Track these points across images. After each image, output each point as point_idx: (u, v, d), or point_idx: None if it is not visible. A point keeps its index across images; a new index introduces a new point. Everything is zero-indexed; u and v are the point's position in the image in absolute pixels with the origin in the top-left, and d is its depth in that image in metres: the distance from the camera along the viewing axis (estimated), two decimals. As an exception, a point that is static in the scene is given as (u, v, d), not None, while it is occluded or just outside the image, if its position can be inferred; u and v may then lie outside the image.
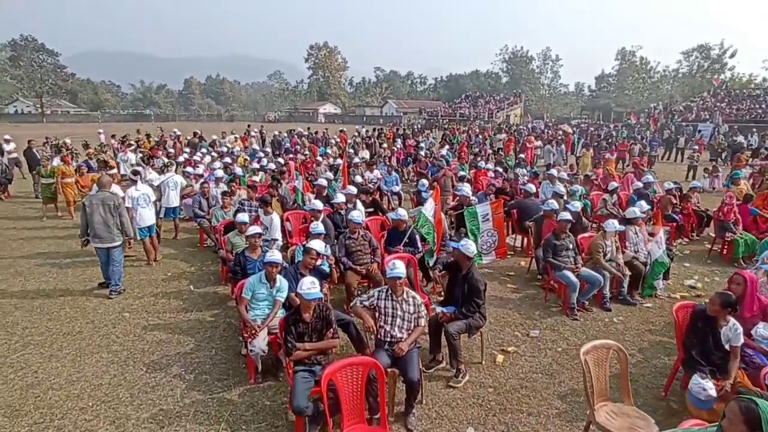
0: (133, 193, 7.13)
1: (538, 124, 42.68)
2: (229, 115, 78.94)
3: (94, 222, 5.79)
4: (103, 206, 5.81)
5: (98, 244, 5.91)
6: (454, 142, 23.14)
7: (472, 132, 27.68)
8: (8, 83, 65.80)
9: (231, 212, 7.81)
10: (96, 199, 5.87)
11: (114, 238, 5.93)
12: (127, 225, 6.07)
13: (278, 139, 19.61)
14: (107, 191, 6.02)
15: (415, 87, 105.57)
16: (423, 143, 20.57)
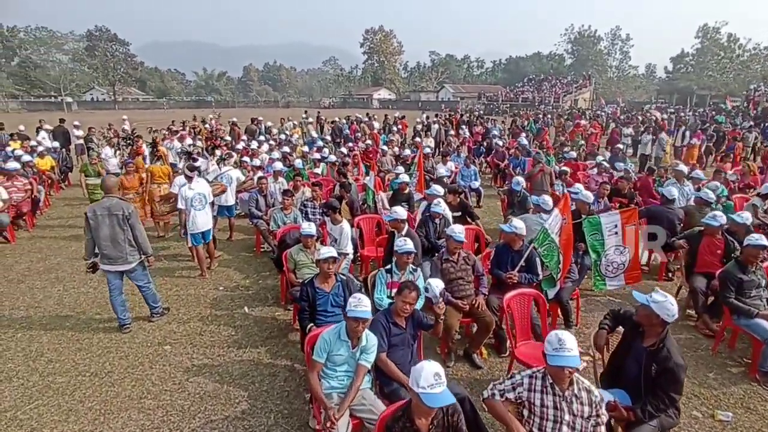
0: (186, 193, 5.97)
1: (612, 109, 38.70)
2: (286, 101, 79.63)
3: (100, 238, 4.49)
4: (110, 217, 4.47)
5: (108, 267, 4.59)
6: (528, 129, 20.91)
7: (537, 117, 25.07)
8: (85, 72, 69.79)
9: (292, 215, 6.58)
10: (101, 208, 4.49)
11: (127, 258, 4.60)
12: (143, 239, 4.69)
13: (339, 125, 18.35)
14: (115, 197, 4.63)
15: (471, 71, 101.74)
16: (494, 130, 18.56)
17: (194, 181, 6.13)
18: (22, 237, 8.14)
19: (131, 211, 4.58)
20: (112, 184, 4.69)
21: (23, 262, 6.88)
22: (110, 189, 4.63)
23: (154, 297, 5.06)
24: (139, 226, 4.64)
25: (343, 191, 6.97)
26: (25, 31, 72.22)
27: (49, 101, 60.29)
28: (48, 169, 11.41)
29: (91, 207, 4.56)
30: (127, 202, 4.71)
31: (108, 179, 4.75)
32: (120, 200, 4.61)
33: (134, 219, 4.58)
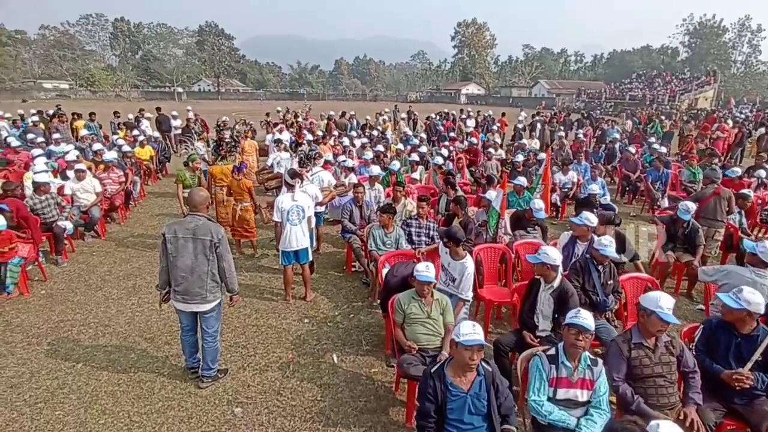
0: (284, 204, 5.00)
1: (744, 111, 32.74)
2: (373, 95, 79.85)
3: (178, 268, 3.49)
4: (194, 242, 3.48)
5: (181, 305, 3.60)
6: (652, 130, 17.89)
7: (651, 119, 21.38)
8: (195, 65, 75.67)
9: (394, 235, 5.37)
10: (183, 229, 3.49)
11: (206, 297, 3.57)
12: (231, 273, 3.67)
13: (433, 122, 16.96)
14: (203, 216, 3.59)
15: (568, 66, 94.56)
16: (614, 132, 15.94)
17: (297, 189, 5.11)
18: (112, 231, 7.90)
19: (221, 237, 3.55)
20: (201, 200, 3.60)
21: (106, 264, 6.46)
22: (198, 205, 3.58)
23: (215, 354, 3.83)
24: (228, 256, 3.61)
25: (457, 208, 5.60)
26: (148, 27, 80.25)
27: (164, 91, 66.04)
28: (147, 159, 11.46)
29: (171, 226, 3.54)
30: (217, 224, 3.68)
31: (197, 193, 3.65)
32: (209, 221, 3.57)
33: (224, 247, 3.56)
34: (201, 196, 3.63)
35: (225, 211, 6.98)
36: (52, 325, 4.76)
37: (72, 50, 72.83)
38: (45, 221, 6.31)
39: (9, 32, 66.77)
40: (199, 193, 3.65)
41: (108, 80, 64.48)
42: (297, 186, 5.03)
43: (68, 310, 5.08)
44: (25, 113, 16.16)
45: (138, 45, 77.45)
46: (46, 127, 13.34)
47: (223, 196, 6.97)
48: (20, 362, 4.10)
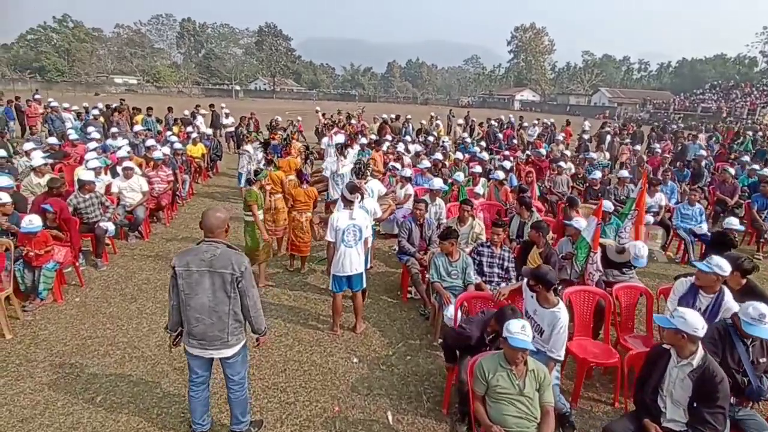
0: (340, 222, 4.29)
1: None
2: (424, 98, 79.03)
3: (191, 308, 2.78)
4: (211, 277, 2.76)
5: (197, 350, 2.89)
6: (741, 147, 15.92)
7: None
8: (253, 64, 78.07)
9: (460, 263, 4.55)
10: (198, 261, 2.76)
11: (228, 340, 2.86)
12: (257, 311, 2.93)
13: (493, 129, 15.90)
14: (220, 242, 2.85)
15: (631, 74, 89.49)
16: (698, 149, 14.20)
17: (356, 206, 4.41)
18: (156, 232, 7.58)
19: (245, 269, 2.81)
20: (218, 223, 2.84)
21: (146, 270, 6.06)
22: (214, 229, 2.83)
23: (245, 405, 3.12)
24: (253, 291, 2.87)
25: (537, 235, 4.69)
26: (212, 27, 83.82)
27: (222, 88, 68.51)
28: (198, 156, 11.28)
29: (182, 256, 2.79)
30: (239, 252, 2.92)
31: (212, 214, 2.86)
32: (228, 249, 2.83)
33: (248, 281, 2.82)
34: (218, 218, 2.85)
35: (282, 217, 6.35)
36: (79, 341, 4.32)
37: (142, 48, 77.24)
38: (87, 221, 6.01)
39: (87, 29, 71.71)
40: (215, 215, 2.86)
41: (172, 77, 67.72)
42: (356, 202, 4.33)
43: (99, 324, 4.65)
44: (89, 106, 16.65)
45: (201, 44, 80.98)
46: (106, 121, 13.59)
47: (273, 203, 6.39)
48: (37, 388, 3.65)
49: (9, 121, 15.89)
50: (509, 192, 7.82)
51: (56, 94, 39.78)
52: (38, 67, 63.51)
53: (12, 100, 16.69)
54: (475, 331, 3.28)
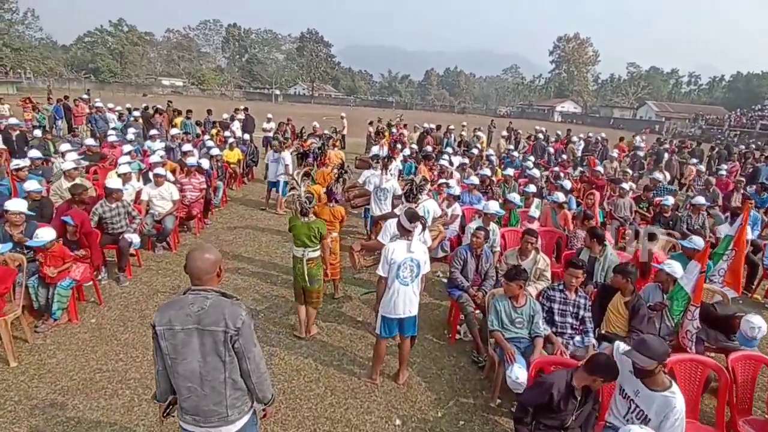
0: (396, 255, 3.54)
1: None
2: (461, 107, 77.94)
3: (180, 376, 2.15)
4: (200, 336, 2.11)
5: (191, 426, 2.23)
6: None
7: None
8: (294, 70, 79.31)
9: (527, 309, 3.78)
10: (183, 316, 2.10)
11: (228, 415, 2.20)
12: (260, 376, 2.23)
13: (541, 144, 14.92)
14: (211, 290, 2.17)
15: (679, 87, 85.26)
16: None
17: (414, 238, 3.68)
18: (185, 243, 7.16)
19: (242, 323, 2.12)
20: (206, 266, 2.15)
21: (169, 286, 5.60)
22: (202, 275, 2.15)
23: None
24: (254, 351, 2.19)
25: (624, 281, 3.86)
26: (256, 33, 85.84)
27: (263, 92, 69.83)
28: (234, 162, 10.95)
29: (164, 310, 2.14)
30: (236, 301, 2.21)
31: (199, 256, 2.15)
32: (221, 298, 2.16)
33: (247, 338, 2.14)
34: (206, 260, 2.15)
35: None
36: (87, 375, 3.84)
37: (190, 52, 79.92)
38: (112, 232, 5.62)
39: (140, 33, 74.83)
40: (203, 256, 2.15)
41: (216, 80, 69.59)
42: (416, 233, 3.64)
43: (111, 353, 4.17)
44: (132, 107, 16.81)
45: (245, 49, 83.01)
46: (146, 123, 13.55)
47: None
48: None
49: (57, 120, 16.27)
50: (569, 216, 6.97)
51: (107, 95, 41.42)
52: (93, 68, 66.67)
53: (61, 99, 17.09)
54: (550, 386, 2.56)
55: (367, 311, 5.27)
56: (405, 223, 3.56)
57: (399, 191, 7.36)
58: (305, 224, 4.26)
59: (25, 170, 6.36)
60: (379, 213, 6.98)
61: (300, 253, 4.29)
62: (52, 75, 53.63)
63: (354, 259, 4.65)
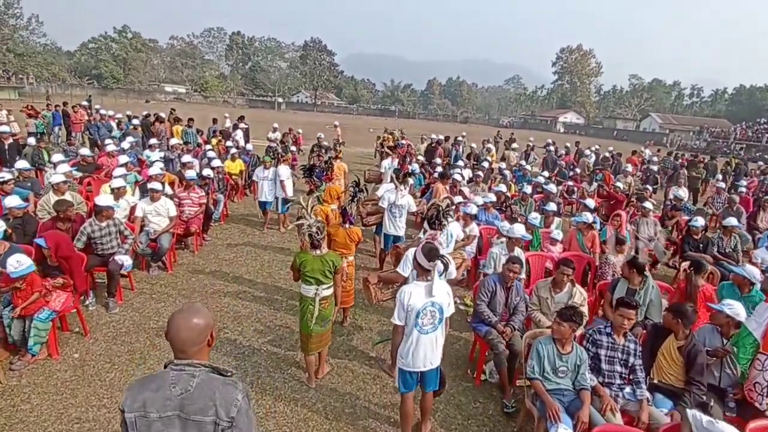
0: (414, 300, 3.03)
1: None
2: (464, 117, 77.80)
3: None
4: (183, 426, 1.61)
5: None
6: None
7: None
8: (297, 78, 79.32)
9: (572, 360, 3.29)
10: (161, 401, 1.61)
11: None
12: None
13: (552, 157, 14.46)
14: (199, 365, 1.67)
15: (681, 99, 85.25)
16: None
17: (436, 279, 3.08)
18: (182, 262, 6.68)
19: (237, 411, 1.64)
20: (193, 335, 1.68)
21: (164, 313, 5.10)
22: (188, 346, 1.69)
23: None
24: None
25: (678, 323, 3.36)
26: (259, 41, 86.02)
27: (265, 100, 69.73)
28: (236, 173, 10.51)
29: (137, 392, 1.66)
30: (230, 380, 1.71)
31: (185, 320, 1.69)
32: (211, 375, 1.69)
33: (244, 429, 1.65)
34: (194, 327, 1.69)
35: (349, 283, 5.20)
36: (64, 426, 3.33)
37: (193, 59, 79.94)
38: (102, 252, 5.15)
39: (144, 40, 74.95)
40: (190, 322, 1.70)
41: (219, 87, 69.51)
42: (435, 272, 3.14)
43: (94, 397, 3.67)
44: (132, 114, 16.40)
45: (249, 56, 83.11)
46: (145, 131, 13.13)
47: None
48: None
49: (55, 127, 15.86)
50: (598, 239, 6.49)
51: (109, 101, 41.23)
52: (96, 74, 66.59)
53: (60, 105, 16.71)
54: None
55: (379, 345, 4.78)
56: (422, 261, 3.03)
57: (414, 207, 6.95)
58: (318, 258, 3.76)
59: (11, 183, 5.90)
60: (394, 231, 6.53)
61: (312, 292, 3.77)
62: (55, 80, 53.51)
63: (370, 293, 4.15)
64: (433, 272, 3.04)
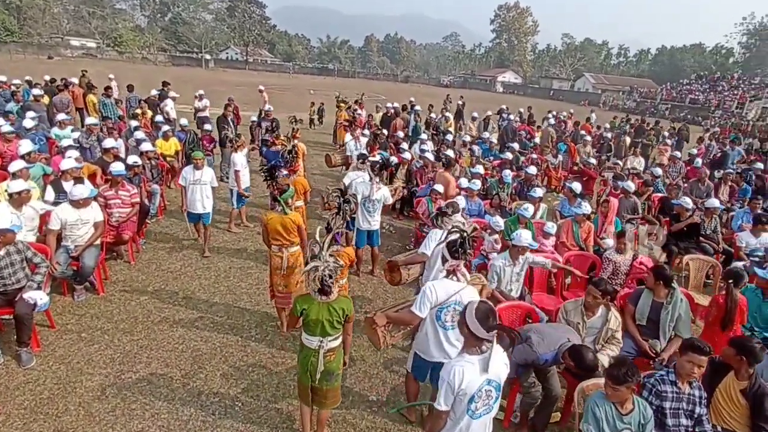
0: (467, 385, 2.28)
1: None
2: (404, 76, 76.17)
3: None
4: None
5: None
6: None
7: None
8: (224, 32, 72.74)
9: (635, 420, 2.76)
10: None
11: None
12: None
13: (511, 124, 13.85)
14: None
15: (609, 60, 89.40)
16: (736, 156, 12.74)
17: (495, 350, 2.34)
18: (117, 279, 5.44)
19: None
20: None
21: (97, 365, 3.98)
22: None
23: None
24: None
25: (740, 360, 2.91)
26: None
27: (191, 57, 63.61)
28: (171, 154, 8.98)
29: None
30: None
31: None
32: None
33: None
34: None
35: (284, 282, 4.42)
36: None
37: (102, 8, 70.26)
38: (4, 290, 3.88)
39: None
40: None
41: (135, 42, 62.02)
42: (493, 339, 2.37)
43: None
44: (32, 80, 13.66)
45: (167, 6, 74.59)
46: (52, 102, 10.87)
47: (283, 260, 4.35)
48: None
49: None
50: (593, 231, 6.07)
51: (3, 58, 35.31)
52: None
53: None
54: None
55: (381, 385, 4.05)
56: (477, 329, 2.22)
57: (390, 200, 6.15)
58: (325, 305, 2.89)
59: None
60: (368, 226, 5.71)
61: (315, 344, 2.93)
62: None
63: (377, 337, 3.33)
64: (492, 343, 2.28)
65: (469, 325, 2.29)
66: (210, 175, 6.21)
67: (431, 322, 3.12)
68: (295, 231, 4.27)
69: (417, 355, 3.29)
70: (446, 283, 3.10)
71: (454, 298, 3.04)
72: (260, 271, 5.90)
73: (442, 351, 3.12)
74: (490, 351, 2.27)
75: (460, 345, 2.63)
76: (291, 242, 4.30)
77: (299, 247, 4.39)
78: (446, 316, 3.07)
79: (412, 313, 3.10)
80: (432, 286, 3.08)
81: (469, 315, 2.30)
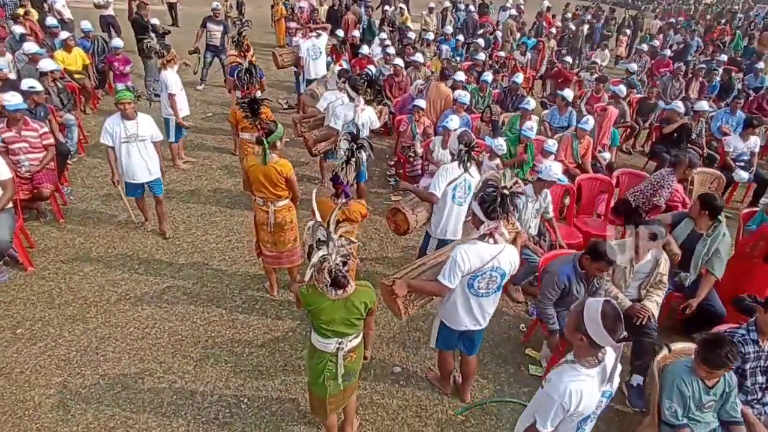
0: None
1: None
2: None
3: None
4: None
5: None
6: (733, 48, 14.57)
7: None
8: None
9: (721, 390, 2.49)
10: None
11: None
12: None
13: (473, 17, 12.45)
14: None
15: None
16: (695, 45, 12.48)
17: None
18: (45, 248, 4.32)
19: None
20: None
21: (39, 376, 3.15)
22: None
23: None
24: None
25: None
26: None
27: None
28: (79, 70, 7.15)
29: None
30: None
31: None
32: None
33: None
34: None
35: (272, 240, 3.61)
36: None
37: None
38: None
39: None
40: None
41: None
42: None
43: None
44: None
45: None
46: None
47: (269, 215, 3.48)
48: None
49: None
50: (591, 146, 5.59)
51: None
52: None
53: None
54: None
55: (402, 351, 3.58)
56: (603, 339, 1.73)
57: (377, 124, 5.24)
58: (340, 303, 2.19)
59: None
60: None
61: (332, 347, 2.28)
62: None
63: (397, 306, 2.75)
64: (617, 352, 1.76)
65: (591, 334, 1.73)
66: (149, 126, 4.25)
67: (462, 291, 2.65)
68: (283, 183, 3.36)
69: (443, 324, 2.86)
70: (480, 247, 2.52)
71: (491, 264, 2.53)
72: (227, 218, 4.98)
73: (474, 318, 2.76)
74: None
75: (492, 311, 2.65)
76: (278, 196, 3.41)
77: (289, 200, 3.52)
78: (480, 284, 2.60)
79: (440, 283, 2.55)
80: (464, 253, 2.48)
81: (592, 322, 1.72)
